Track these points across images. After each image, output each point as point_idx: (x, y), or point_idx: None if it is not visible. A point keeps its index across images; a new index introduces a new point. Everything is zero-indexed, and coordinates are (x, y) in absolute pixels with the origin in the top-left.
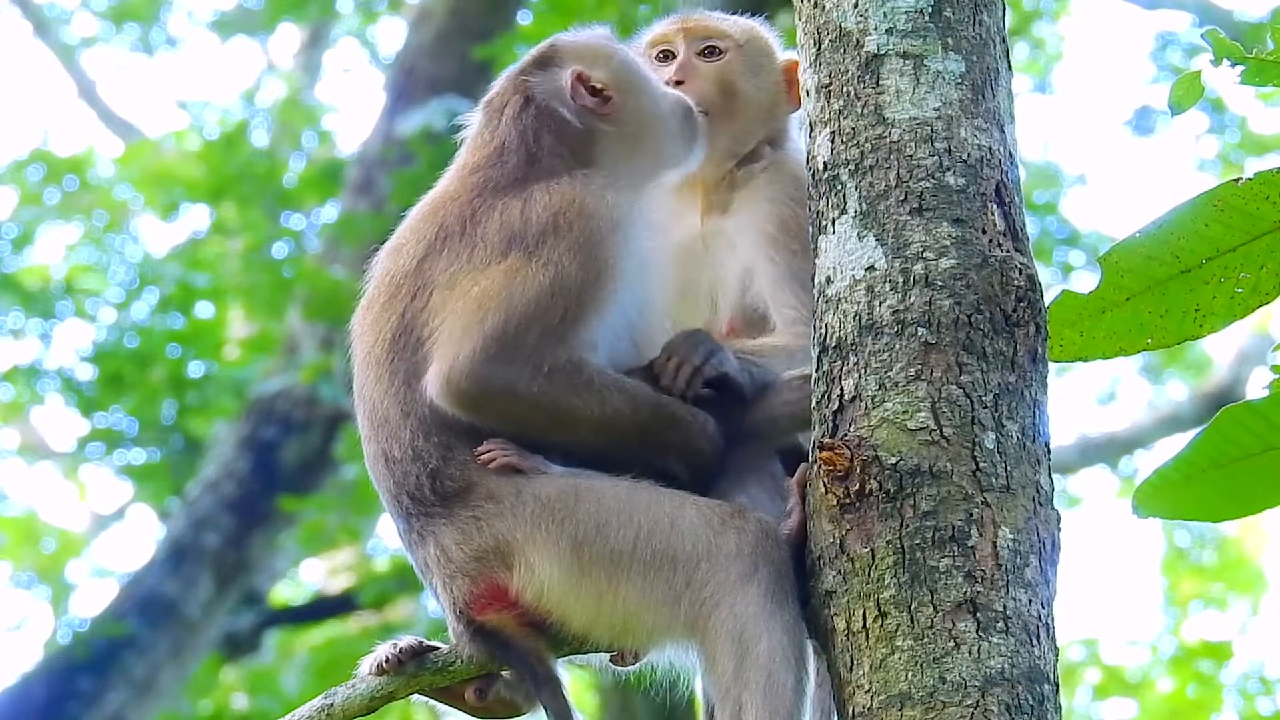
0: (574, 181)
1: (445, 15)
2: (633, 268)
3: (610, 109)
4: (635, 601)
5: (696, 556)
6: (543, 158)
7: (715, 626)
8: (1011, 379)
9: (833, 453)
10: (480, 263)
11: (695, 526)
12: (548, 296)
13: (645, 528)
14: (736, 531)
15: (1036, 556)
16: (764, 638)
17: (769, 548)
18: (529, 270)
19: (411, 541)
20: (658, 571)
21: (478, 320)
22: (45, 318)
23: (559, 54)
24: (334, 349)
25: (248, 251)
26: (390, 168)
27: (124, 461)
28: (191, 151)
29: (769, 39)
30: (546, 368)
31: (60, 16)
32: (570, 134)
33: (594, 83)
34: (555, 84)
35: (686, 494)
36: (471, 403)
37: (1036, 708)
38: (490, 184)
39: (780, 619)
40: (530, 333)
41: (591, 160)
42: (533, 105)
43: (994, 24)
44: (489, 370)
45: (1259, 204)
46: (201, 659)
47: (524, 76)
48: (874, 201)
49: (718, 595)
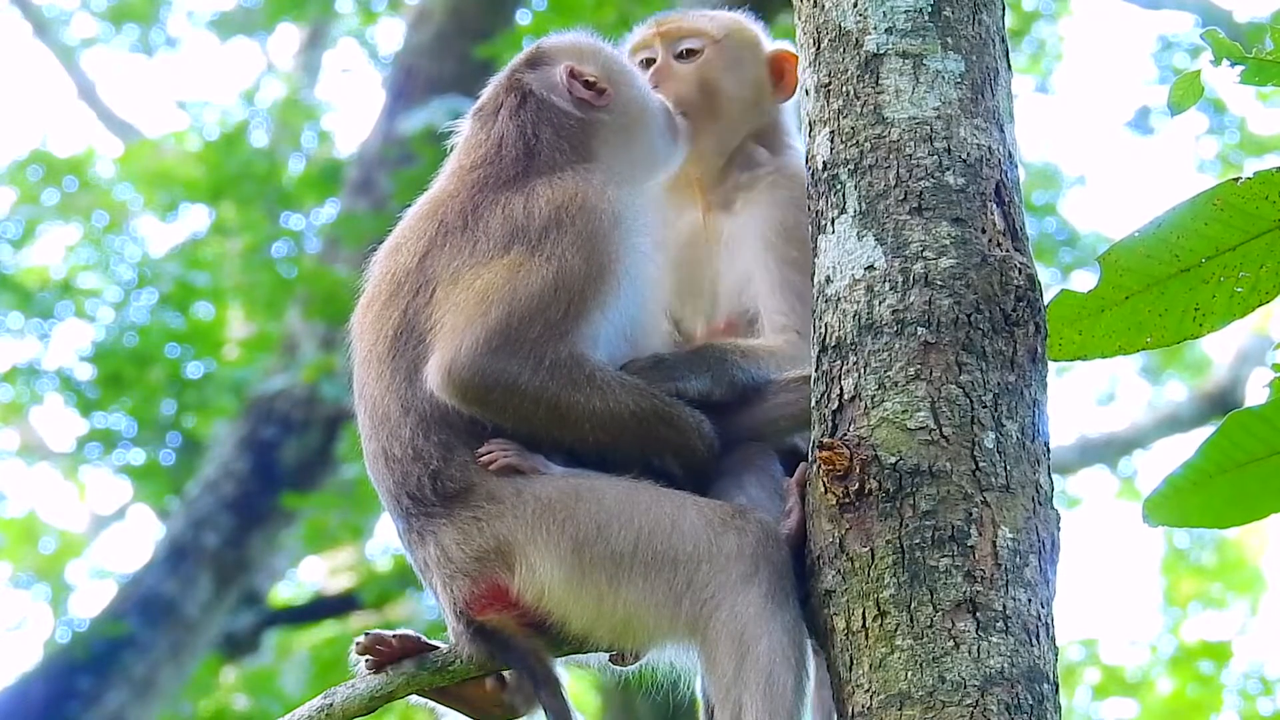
0: (575, 176)
1: (445, 15)
2: (634, 264)
3: (606, 100)
4: (636, 602)
5: (697, 557)
6: (542, 151)
7: (716, 627)
8: (1011, 378)
9: (832, 452)
10: (483, 256)
11: (696, 527)
12: (551, 291)
13: (646, 529)
14: (737, 532)
15: (1036, 556)
16: (764, 638)
17: (769, 548)
18: (532, 264)
19: (411, 541)
20: (658, 572)
21: (481, 313)
22: (45, 318)
23: (548, 53)
24: (334, 348)
25: (247, 251)
26: (390, 167)
27: (123, 461)
28: (191, 152)
29: (751, 31)
30: (548, 362)
31: (60, 17)
32: (569, 126)
33: (586, 76)
34: (549, 79)
35: (687, 494)
36: (472, 395)
37: (1036, 707)
38: (490, 180)
39: (780, 619)
40: (533, 326)
41: (590, 154)
42: (531, 100)
43: (993, 23)
44: (490, 362)
45: (1258, 203)
46: (201, 659)
47: (517, 75)
48: (873, 201)
49: (718, 596)
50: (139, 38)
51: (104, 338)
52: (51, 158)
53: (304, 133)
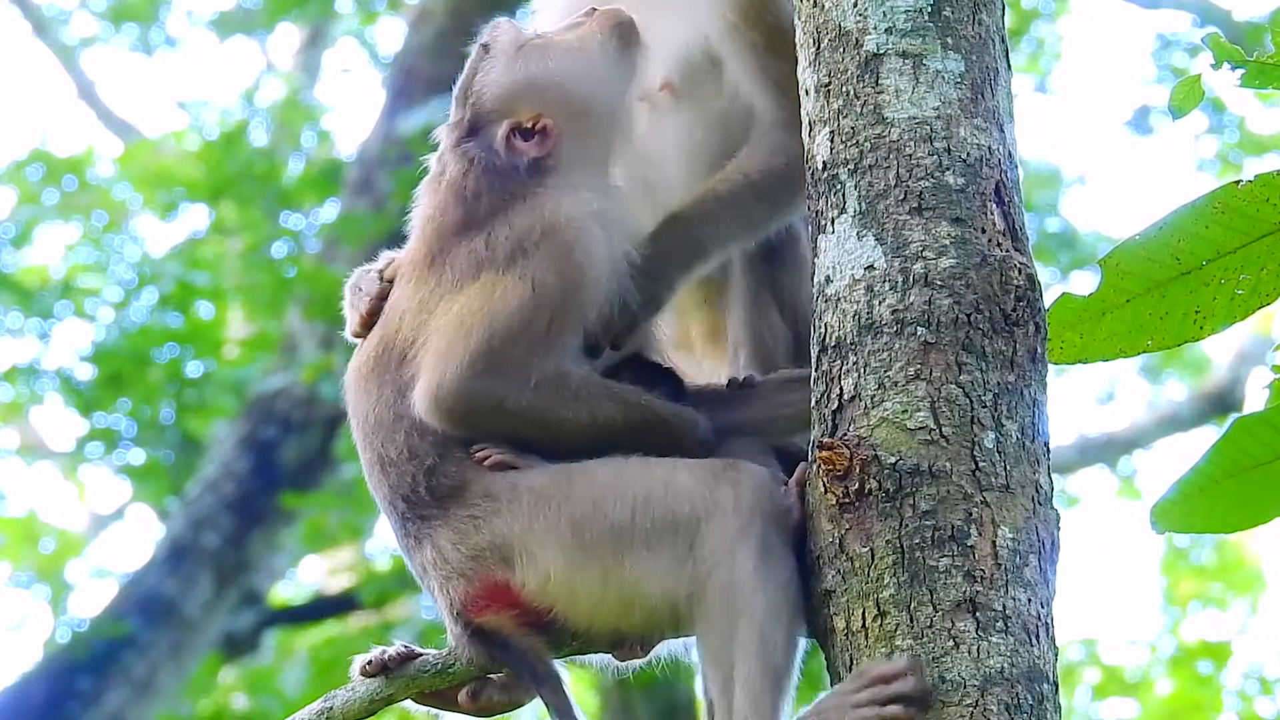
0: (530, 208)
1: (445, 15)
2: (609, 267)
3: (551, 138)
4: (642, 573)
5: (695, 517)
6: (496, 204)
7: (714, 587)
8: (1011, 378)
9: (832, 452)
10: (449, 287)
11: (690, 487)
12: (530, 308)
13: (641, 496)
14: (731, 484)
15: (1036, 556)
16: (759, 593)
17: (763, 498)
18: (506, 285)
19: (409, 547)
20: (660, 538)
21: (462, 336)
22: (44, 317)
23: (485, 113)
24: (334, 348)
25: (247, 251)
26: (390, 168)
27: (123, 461)
28: (191, 151)
29: None
30: (534, 381)
31: (60, 17)
32: (517, 179)
33: (526, 123)
34: (490, 141)
35: (677, 458)
36: (460, 419)
37: (1036, 707)
38: (448, 230)
39: (776, 573)
40: (517, 346)
41: (544, 183)
42: (474, 168)
43: (993, 23)
44: (475, 385)
45: (1259, 206)
46: (201, 659)
47: (461, 145)
48: (873, 201)
49: (718, 553)
50: (138, 37)
51: (104, 337)
52: (51, 157)
53: (304, 133)
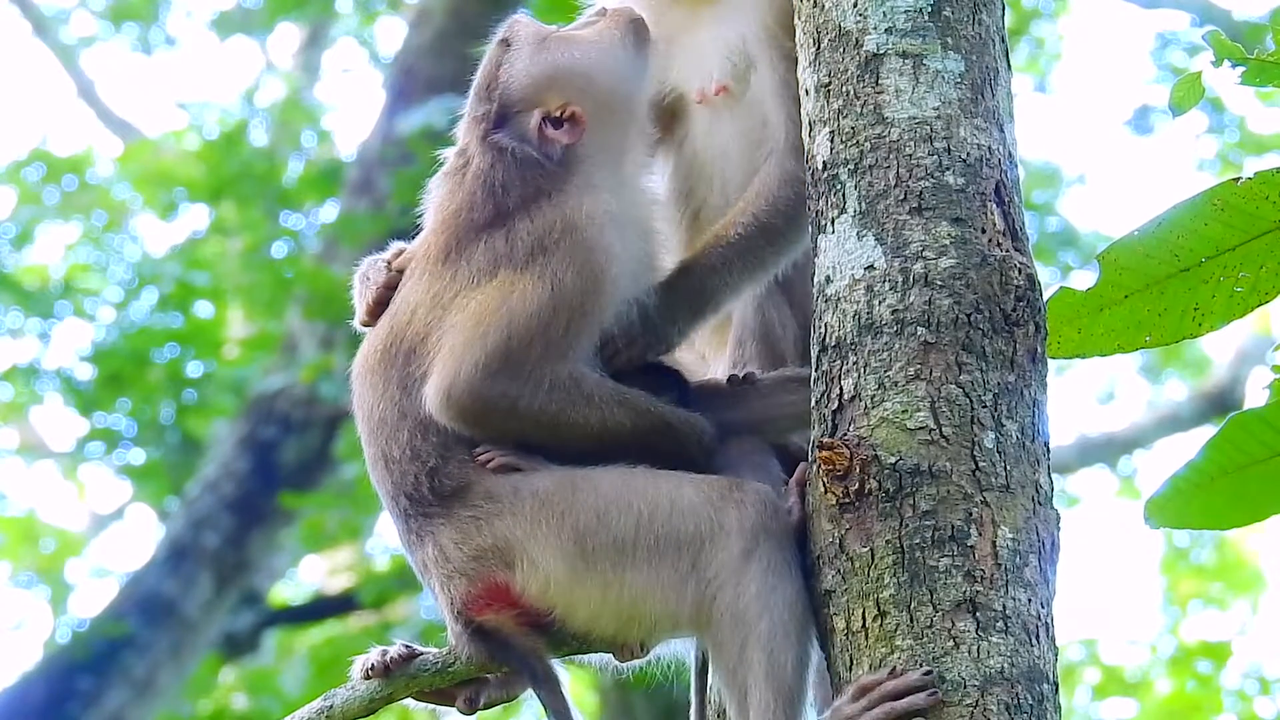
0: (554, 204)
1: (445, 15)
2: (627, 268)
3: (581, 126)
4: (642, 589)
5: (700, 537)
6: (519, 198)
7: (720, 609)
8: (1011, 378)
9: (832, 452)
10: (465, 282)
11: (695, 505)
12: (549, 309)
13: (646, 512)
14: (737, 505)
15: (1036, 556)
16: (765, 617)
17: (769, 519)
18: (525, 284)
19: (410, 543)
20: (662, 556)
21: (478, 335)
22: (44, 317)
23: (515, 101)
24: (334, 348)
25: (247, 251)
26: (390, 168)
27: (123, 461)
28: (191, 151)
29: None
30: (548, 383)
31: (59, 16)
32: (546, 170)
33: (555, 112)
34: (522, 131)
35: (682, 473)
36: (472, 418)
37: (1036, 707)
38: (467, 225)
39: (782, 594)
40: (533, 348)
41: (569, 176)
42: (504, 158)
43: (993, 23)
44: (490, 386)
45: (1258, 203)
46: (201, 659)
47: (490, 137)
48: (873, 201)
49: (722, 576)
50: (138, 37)
51: (104, 337)
52: (51, 157)
53: (304, 133)
